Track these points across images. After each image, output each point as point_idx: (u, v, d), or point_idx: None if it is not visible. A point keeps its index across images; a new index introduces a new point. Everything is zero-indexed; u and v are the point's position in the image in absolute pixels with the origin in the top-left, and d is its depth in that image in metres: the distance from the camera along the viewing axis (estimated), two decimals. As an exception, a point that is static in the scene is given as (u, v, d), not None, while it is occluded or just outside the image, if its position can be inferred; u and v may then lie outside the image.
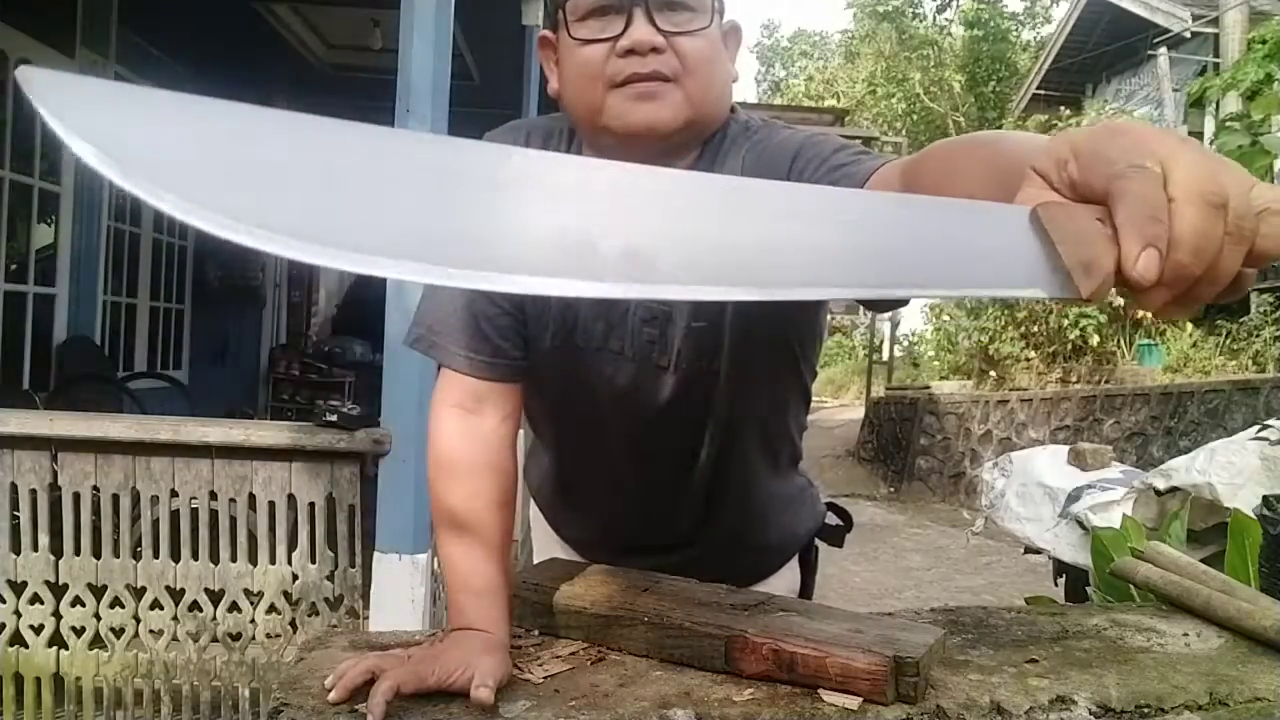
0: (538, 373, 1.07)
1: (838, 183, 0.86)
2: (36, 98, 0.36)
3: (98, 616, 2.65)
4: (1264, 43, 7.36)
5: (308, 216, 0.33)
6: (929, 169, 0.69)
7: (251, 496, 2.67)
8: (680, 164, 1.01)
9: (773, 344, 1.08)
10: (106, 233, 5.90)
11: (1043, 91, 15.08)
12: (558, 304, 1.02)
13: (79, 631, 2.65)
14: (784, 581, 1.23)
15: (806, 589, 1.27)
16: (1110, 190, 0.43)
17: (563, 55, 1.00)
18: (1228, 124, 3.67)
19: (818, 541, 1.28)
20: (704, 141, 1.03)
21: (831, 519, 1.30)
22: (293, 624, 2.69)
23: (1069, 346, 10.18)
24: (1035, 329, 10.49)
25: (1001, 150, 0.56)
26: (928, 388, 10.32)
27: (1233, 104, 8.32)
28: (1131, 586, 1.36)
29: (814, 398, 1.29)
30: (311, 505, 2.68)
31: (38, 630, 2.64)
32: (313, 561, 2.69)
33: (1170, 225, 0.41)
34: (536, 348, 1.05)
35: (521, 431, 1.15)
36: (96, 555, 2.65)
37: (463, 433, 1.02)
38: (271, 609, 2.69)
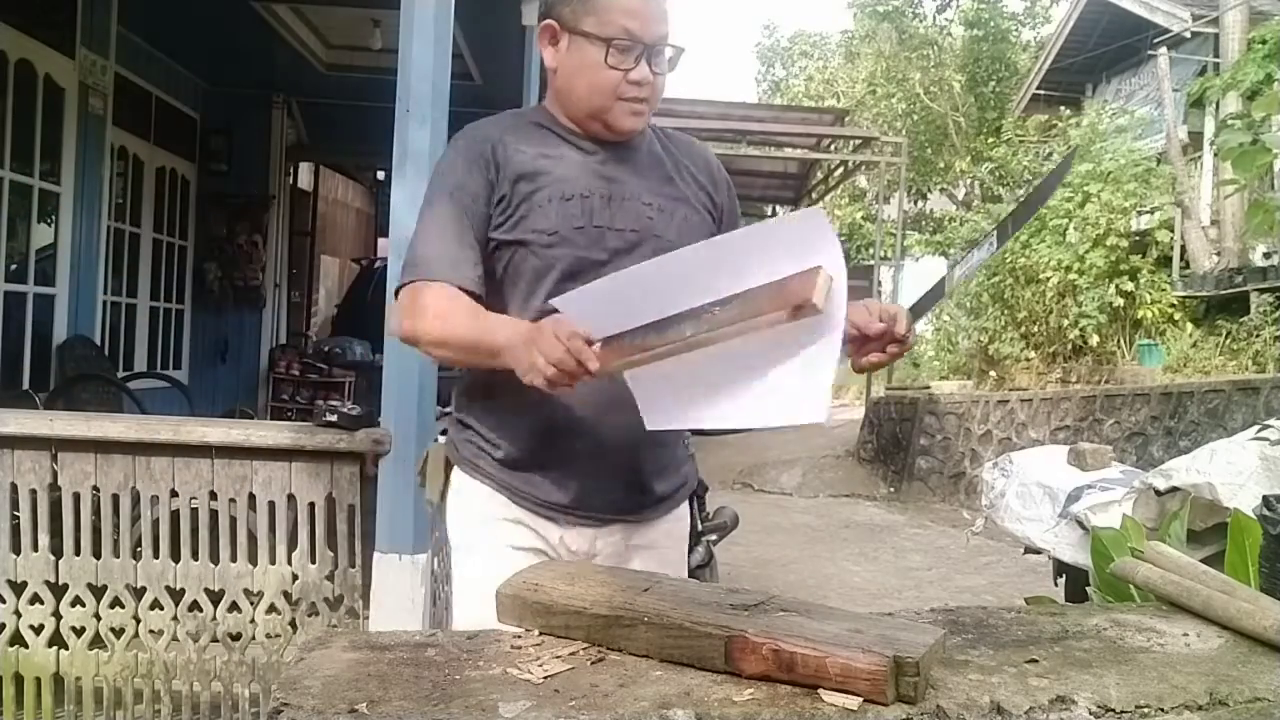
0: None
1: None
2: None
3: (98, 616, 2.65)
4: (1264, 43, 7.36)
5: None
6: None
7: (251, 496, 2.67)
8: (637, 144, 1.54)
9: None
10: (106, 233, 5.89)
11: (1043, 91, 15.05)
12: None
13: (79, 631, 2.65)
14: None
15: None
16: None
17: (578, 61, 1.45)
18: (1228, 124, 3.67)
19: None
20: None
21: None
22: (293, 624, 2.69)
23: (1069, 346, 10.17)
24: (1035, 329, 10.49)
25: None
26: (928, 388, 10.32)
27: (1233, 104, 8.31)
28: (1131, 586, 1.36)
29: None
30: (311, 505, 2.68)
31: (38, 630, 2.64)
32: (313, 562, 2.69)
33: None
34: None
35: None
36: (96, 555, 2.65)
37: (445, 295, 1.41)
38: (271, 609, 2.69)
